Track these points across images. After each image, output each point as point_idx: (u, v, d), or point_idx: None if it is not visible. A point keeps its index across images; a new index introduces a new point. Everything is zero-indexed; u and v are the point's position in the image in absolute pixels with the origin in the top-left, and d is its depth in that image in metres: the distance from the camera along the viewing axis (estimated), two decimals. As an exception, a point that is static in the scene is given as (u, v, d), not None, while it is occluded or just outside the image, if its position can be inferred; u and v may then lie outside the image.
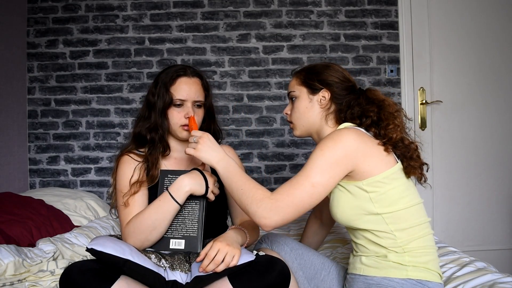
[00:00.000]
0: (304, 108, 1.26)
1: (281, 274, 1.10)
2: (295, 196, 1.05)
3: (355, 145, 1.08)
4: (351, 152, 1.07)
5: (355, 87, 1.27)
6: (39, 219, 1.77)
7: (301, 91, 1.27)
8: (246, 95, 2.64)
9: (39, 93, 2.61)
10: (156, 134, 1.35)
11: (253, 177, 2.61)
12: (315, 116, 1.25)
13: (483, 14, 2.64)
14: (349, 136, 1.08)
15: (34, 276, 1.31)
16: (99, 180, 2.63)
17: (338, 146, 1.07)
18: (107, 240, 1.12)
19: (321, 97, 1.24)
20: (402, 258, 1.08)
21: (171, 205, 1.21)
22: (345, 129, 1.12)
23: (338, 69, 1.27)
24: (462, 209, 2.67)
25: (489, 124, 2.66)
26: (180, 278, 1.14)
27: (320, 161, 1.07)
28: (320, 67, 1.28)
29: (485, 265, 1.33)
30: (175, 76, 1.34)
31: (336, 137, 1.09)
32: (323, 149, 1.07)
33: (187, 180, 1.22)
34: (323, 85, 1.24)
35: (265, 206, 1.05)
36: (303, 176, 1.07)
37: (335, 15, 2.64)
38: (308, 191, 1.06)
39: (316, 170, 1.06)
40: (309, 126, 1.26)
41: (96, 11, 2.62)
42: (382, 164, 1.11)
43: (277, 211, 1.05)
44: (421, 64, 2.64)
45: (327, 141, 1.09)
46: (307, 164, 1.09)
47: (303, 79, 1.27)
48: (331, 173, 1.07)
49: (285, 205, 1.05)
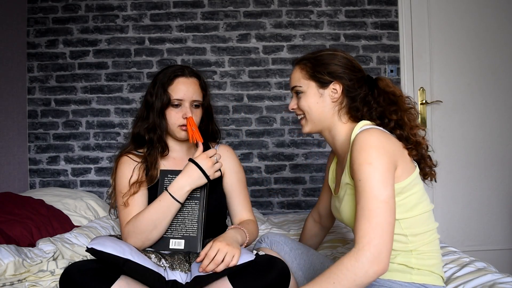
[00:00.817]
0: (314, 103, 1.16)
1: (281, 274, 1.10)
2: (380, 223, 0.94)
3: (392, 147, 1.04)
4: (393, 155, 1.03)
5: (364, 75, 1.19)
6: (39, 219, 1.77)
7: (309, 85, 1.16)
8: (246, 95, 2.64)
9: (39, 93, 2.61)
10: (154, 134, 1.35)
11: (253, 177, 2.61)
12: (327, 111, 1.16)
13: (483, 14, 2.64)
14: (384, 139, 1.03)
15: (34, 276, 1.31)
16: (99, 180, 2.63)
17: (381, 152, 1.00)
18: (107, 240, 1.12)
19: (332, 90, 1.14)
20: (408, 260, 1.07)
21: (171, 204, 1.21)
22: (374, 131, 1.04)
23: (346, 57, 1.17)
24: (462, 209, 2.67)
25: (489, 124, 2.66)
26: (180, 278, 1.14)
27: (376, 175, 0.98)
28: (327, 56, 1.16)
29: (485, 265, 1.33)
30: (172, 76, 1.33)
31: (374, 142, 1.01)
32: (372, 162, 0.98)
33: (185, 179, 1.21)
34: (333, 77, 1.14)
35: (367, 258, 0.92)
36: (371, 200, 0.96)
37: (335, 15, 2.64)
38: (387, 209, 0.96)
39: (379, 186, 0.97)
40: (320, 122, 1.18)
41: (96, 11, 2.62)
42: (407, 169, 1.07)
43: (377, 250, 0.92)
44: (421, 64, 2.64)
45: (369, 151, 1.00)
46: (365, 185, 0.98)
47: (311, 72, 1.16)
48: (390, 181, 0.99)
49: (379, 238, 0.93)
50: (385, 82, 1.17)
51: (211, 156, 1.24)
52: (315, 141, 2.64)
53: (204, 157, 1.23)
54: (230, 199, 1.43)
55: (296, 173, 2.65)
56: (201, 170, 1.22)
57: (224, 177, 1.44)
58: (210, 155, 1.24)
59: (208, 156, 1.24)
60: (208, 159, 1.23)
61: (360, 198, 0.98)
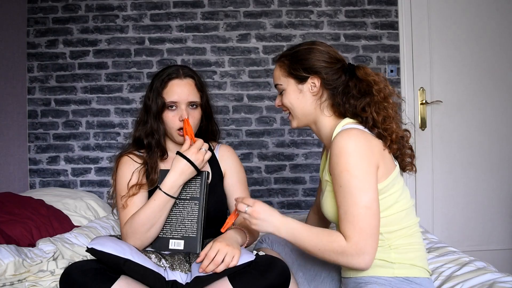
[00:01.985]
0: (295, 99, 1.19)
1: (281, 275, 1.10)
2: (363, 228, 1.00)
3: (371, 150, 1.05)
4: (372, 157, 1.04)
5: (345, 64, 1.18)
6: (39, 219, 1.77)
7: (288, 82, 1.19)
8: (246, 95, 2.64)
9: (39, 93, 2.61)
10: (152, 139, 1.35)
11: (253, 177, 2.61)
12: (309, 106, 1.18)
13: (483, 14, 2.64)
14: (363, 142, 1.04)
15: (34, 276, 1.31)
16: (99, 180, 2.63)
17: (359, 157, 1.02)
18: (107, 240, 1.12)
19: (311, 84, 1.16)
20: (388, 255, 1.09)
21: (166, 201, 1.21)
22: (353, 134, 1.05)
23: (323, 50, 1.17)
24: (462, 209, 2.67)
25: (489, 124, 2.66)
26: (180, 278, 1.14)
27: (355, 182, 1.01)
28: (303, 52, 1.18)
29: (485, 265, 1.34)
30: (166, 79, 1.32)
31: (351, 147, 1.02)
32: (350, 170, 1.01)
33: (175, 174, 1.21)
34: (310, 72, 1.15)
35: (351, 255, 1.01)
36: (352, 206, 1.01)
37: (335, 15, 2.64)
38: (368, 214, 1.00)
39: (359, 193, 1.01)
40: (305, 116, 1.20)
41: (96, 11, 2.62)
42: (386, 170, 1.08)
43: (362, 251, 1.00)
44: (421, 64, 2.64)
45: (347, 157, 1.02)
46: (345, 191, 1.02)
47: (287, 69, 1.18)
48: (371, 185, 1.02)
49: (363, 242, 1.00)
50: (364, 70, 1.15)
51: (200, 148, 1.24)
52: (315, 141, 2.64)
53: (194, 151, 1.23)
54: (230, 199, 1.43)
55: (296, 173, 2.65)
56: (191, 163, 1.22)
57: (224, 177, 1.44)
58: (199, 147, 1.24)
59: (197, 148, 1.24)
60: (198, 152, 1.23)
61: (342, 204, 1.03)
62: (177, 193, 1.23)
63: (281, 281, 1.09)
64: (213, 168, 1.42)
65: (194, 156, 1.22)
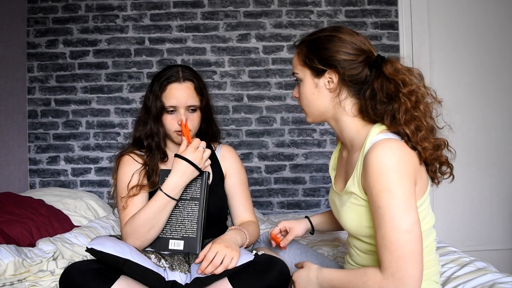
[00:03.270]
0: (311, 94, 1.05)
1: (281, 274, 1.10)
2: (402, 255, 0.87)
3: (411, 166, 0.92)
4: (413, 174, 0.93)
5: (371, 57, 1.02)
6: (39, 219, 1.77)
7: (305, 73, 1.05)
8: (246, 95, 2.64)
9: (39, 93, 2.61)
10: (152, 141, 1.35)
11: (253, 177, 2.61)
12: (326, 103, 1.04)
13: (483, 14, 2.64)
14: (404, 157, 0.91)
15: (34, 276, 1.31)
16: (99, 180, 2.63)
17: (402, 175, 0.89)
18: (107, 240, 1.12)
19: (328, 79, 1.02)
20: None
21: (167, 202, 1.21)
22: (392, 147, 0.91)
23: (347, 39, 1.01)
24: (463, 209, 2.67)
25: (489, 124, 2.66)
26: (180, 278, 1.14)
27: (397, 203, 0.88)
28: (323, 39, 1.03)
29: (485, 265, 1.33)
30: (165, 83, 1.32)
31: (393, 165, 0.89)
32: (392, 189, 0.88)
33: (178, 176, 1.21)
34: (326, 65, 1.01)
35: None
36: (392, 231, 0.88)
37: (335, 15, 2.64)
38: (409, 239, 0.87)
39: (400, 215, 0.88)
40: (321, 113, 1.07)
41: (96, 11, 2.62)
42: (422, 186, 0.98)
43: (401, 283, 0.87)
44: (421, 64, 2.64)
45: (389, 176, 0.89)
46: (384, 213, 0.89)
47: (303, 58, 1.05)
48: (412, 205, 0.90)
49: (402, 272, 0.87)
50: (393, 65, 0.99)
51: (197, 147, 1.23)
52: (315, 141, 2.64)
53: (191, 151, 1.22)
54: (231, 200, 1.43)
55: (296, 173, 2.65)
56: (191, 164, 1.21)
57: (226, 178, 1.43)
58: (196, 146, 1.23)
59: (195, 147, 1.22)
60: (196, 151, 1.22)
61: (380, 227, 0.90)
62: (178, 195, 1.23)
63: (280, 280, 1.09)
64: (214, 168, 1.42)
65: (192, 156, 1.22)
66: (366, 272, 0.93)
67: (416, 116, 0.96)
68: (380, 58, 1.01)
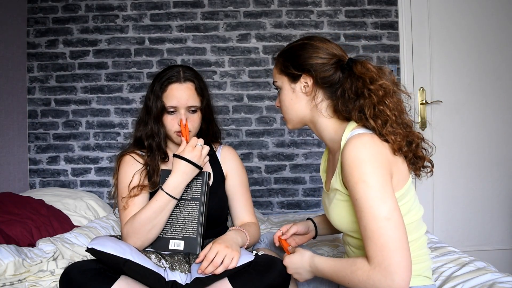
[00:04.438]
0: (289, 100, 1.11)
1: (281, 275, 1.10)
2: (385, 243, 0.88)
3: (386, 157, 0.95)
4: (388, 165, 0.96)
5: (342, 60, 1.07)
6: (39, 219, 1.77)
7: (283, 80, 1.12)
8: (246, 95, 2.64)
9: (39, 93, 2.61)
10: (153, 141, 1.35)
11: (253, 177, 2.61)
12: (304, 107, 1.10)
13: (483, 14, 2.64)
14: (376, 148, 0.95)
15: (34, 276, 1.31)
16: (99, 180, 2.63)
17: (375, 165, 0.92)
18: (107, 240, 1.12)
19: (304, 84, 1.08)
20: None
21: (168, 202, 1.21)
22: (365, 140, 0.95)
23: (318, 45, 1.08)
24: (462, 209, 2.67)
25: (489, 124, 2.66)
26: (180, 278, 1.14)
27: (372, 192, 0.91)
28: (297, 47, 1.10)
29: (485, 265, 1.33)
30: (166, 83, 1.32)
31: (366, 156, 0.93)
32: (366, 180, 0.91)
33: (178, 176, 1.21)
34: (301, 70, 1.07)
35: (378, 279, 0.88)
36: (371, 220, 0.90)
37: (335, 15, 2.64)
38: (389, 226, 0.88)
39: (377, 204, 0.90)
40: (300, 118, 1.13)
41: (96, 11, 2.62)
42: (402, 178, 1.00)
43: (388, 271, 0.87)
44: (421, 64, 2.64)
45: (362, 167, 0.92)
46: (362, 204, 0.92)
47: (281, 66, 1.12)
48: (388, 194, 0.92)
49: (388, 260, 0.87)
50: (363, 65, 1.03)
51: (195, 145, 1.23)
52: (315, 141, 2.64)
53: (189, 150, 1.23)
54: (232, 201, 1.43)
55: (296, 173, 2.65)
56: (191, 162, 1.22)
57: (226, 179, 1.43)
58: (194, 144, 1.24)
59: (192, 146, 1.23)
60: (194, 150, 1.23)
61: (361, 218, 0.92)
62: (179, 194, 1.23)
63: (281, 281, 1.09)
64: (215, 169, 1.42)
65: (190, 154, 1.22)
66: (355, 262, 0.94)
67: (382, 109, 1.00)
68: (351, 60, 1.06)
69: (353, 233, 1.06)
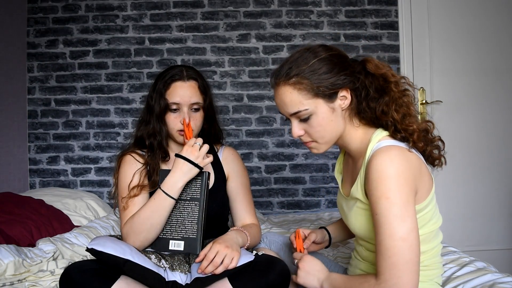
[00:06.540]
0: (329, 122, 1.01)
1: (281, 275, 1.10)
2: (396, 263, 0.87)
3: (412, 172, 0.93)
4: (413, 181, 0.93)
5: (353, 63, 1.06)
6: (39, 219, 1.77)
7: (317, 104, 0.99)
8: (246, 95, 2.64)
9: (39, 93, 2.61)
10: (154, 140, 1.35)
11: (253, 177, 2.61)
12: (341, 122, 1.03)
13: (483, 14, 2.64)
14: (404, 164, 0.92)
15: (34, 276, 1.30)
16: (99, 180, 2.63)
17: (400, 182, 0.90)
18: (107, 240, 1.12)
19: (342, 97, 1.01)
20: None
21: (166, 201, 1.21)
22: (393, 154, 0.93)
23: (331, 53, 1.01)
24: (462, 209, 2.67)
25: (489, 124, 2.66)
26: (180, 278, 1.14)
27: (394, 209, 0.89)
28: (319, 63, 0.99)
29: (485, 265, 1.33)
30: (169, 81, 1.33)
31: (392, 172, 0.91)
32: (390, 196, 0.89)
33: (176, 174, 1.22)
34: (337, 85, 0.99)
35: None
36: (388, 238, 0.89)
37: (335, 15, 2.64)
38: (403, 247, 0.88)
39: (396, 222, 0.88)
40: (337, 136, 1.05)
41: (96, 11, 2.62)
42: (426, 190, 0.99)
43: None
44: (421, 64, 2.64)
45: (387, 183, 0.90)
46: (381, 221, 0.90)
47: (311, 89, 0.98)
48: (410, 212, 0.90)
49: (395, 279, 0.87)
50: (373, 63, 1.02)
51: (192, 144, 1.24)
52: (315, 141, 2.64)
53: (187, 149, 1.23)
54: (233, 202, 1.42)
55: (296, 173, 2.65)
56: (190, 161, 1.22)
57: (228, 180, 1.43)
58: (191, 144, 1.24)
59: (190, 145, 1.23)
60: (192, 149, 1.23)
61: (378, 233, 0.91)
62: (177, 194, 1.23)
63: (281, 281, 1.09)
64: (216, 170, 1.42)
65: (188, 153, 1.22)
66: (366, 275, 0.96)
67: (404, 102, 1.01)
68: (361, 60, 1.05)
69: (371, 240, 1.05)
